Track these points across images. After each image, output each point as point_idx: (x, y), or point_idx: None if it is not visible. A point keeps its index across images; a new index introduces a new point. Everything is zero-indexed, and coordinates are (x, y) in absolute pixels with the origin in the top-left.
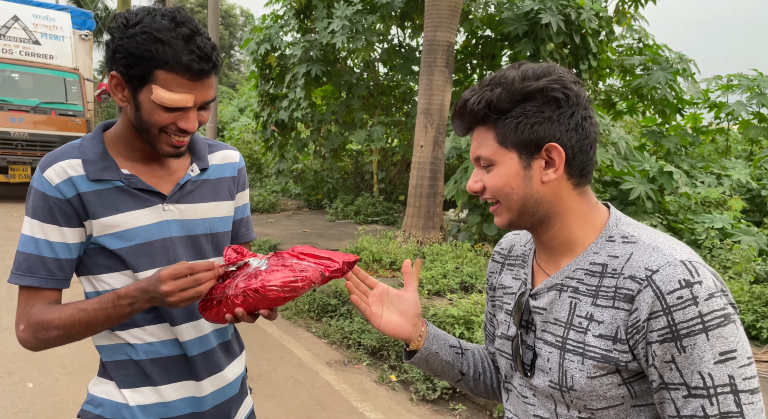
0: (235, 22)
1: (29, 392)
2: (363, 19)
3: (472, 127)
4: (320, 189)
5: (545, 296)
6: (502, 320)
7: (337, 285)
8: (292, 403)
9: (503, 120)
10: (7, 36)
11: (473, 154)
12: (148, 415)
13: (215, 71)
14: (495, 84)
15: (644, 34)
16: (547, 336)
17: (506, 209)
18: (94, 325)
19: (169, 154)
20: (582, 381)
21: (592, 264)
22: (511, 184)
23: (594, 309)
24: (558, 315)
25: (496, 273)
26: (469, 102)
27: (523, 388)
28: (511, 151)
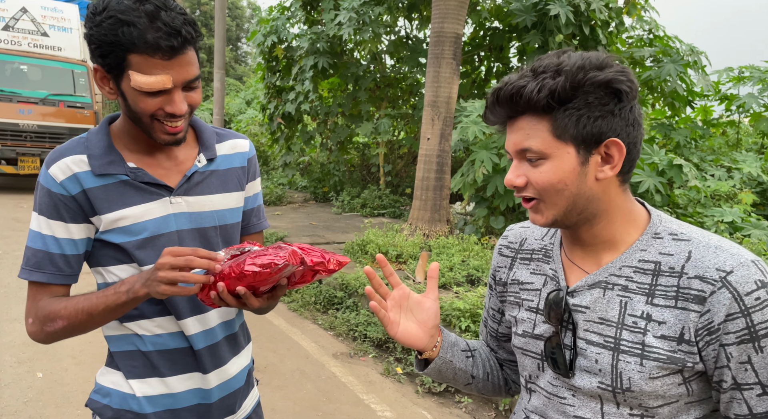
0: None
1: (39, 381)
2: (370, 10)
3: (515, 116)
4: (327, 181)
5: (586, 294)
6: (524, 318)
7: (343, 278)
8: (299, 395)
9: (563, 111)
10: (16, 28)
11: (517, 145)
12: (154, 406)
13: (191, 46)
14: (555, 71)
15: (655, 26)
16: (591, 336)
17: (551, 206)
18: (95, 314)
19: (167, 142)
20: (642, 382)
21: (642, 262)
22: (566, 180)
23: (651, 308)
24: (605, 314)
25: (505, 267)
26: (526, 89)
27: (559, 389)
28: (568, 145)
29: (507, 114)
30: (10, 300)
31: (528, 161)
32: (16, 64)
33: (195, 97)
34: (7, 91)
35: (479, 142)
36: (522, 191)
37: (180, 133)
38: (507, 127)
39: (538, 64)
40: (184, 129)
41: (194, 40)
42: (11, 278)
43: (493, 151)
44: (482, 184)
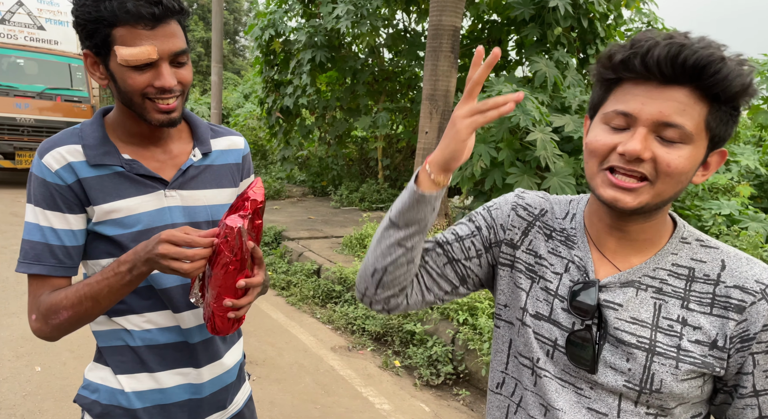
0: (239, 8)
1: (37, 375)
2: (368, 3)
3: (676, 84)
4: (325, 175)
5: (618, 291)
6: (539, 297)
7: (341, 272)
8: (297, 388)
9: (726, 104)
10: (12, 21)
11: (665, 116)
12: (143, 401)
13: (174, 17)
14: (740, 64)
15: (654, 18)
16: (623, 335)
17: (655, 194)
18: (100, 299)
19: (161, 122)
20: (672, 384)
21: (675, 266)
22: (691, 172)
23: (686, 313)
24: (638, 314)
25: (518, 229)
26: (726, 66)
27: (577, 380)
28: (706, 140)
29: (672, 75)
30: (8, 295)
31: (661, 138)
32: (12, 57)
33: (185, 74)
34: (4, 85)
35: (477, 136)
36: (635, 165)
37: (173, 111)
38: (643, 85)
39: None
40: (178, 108)
41: (178, 12)
42: (9, 272)
43: (491, 144)
44: (480, 178)
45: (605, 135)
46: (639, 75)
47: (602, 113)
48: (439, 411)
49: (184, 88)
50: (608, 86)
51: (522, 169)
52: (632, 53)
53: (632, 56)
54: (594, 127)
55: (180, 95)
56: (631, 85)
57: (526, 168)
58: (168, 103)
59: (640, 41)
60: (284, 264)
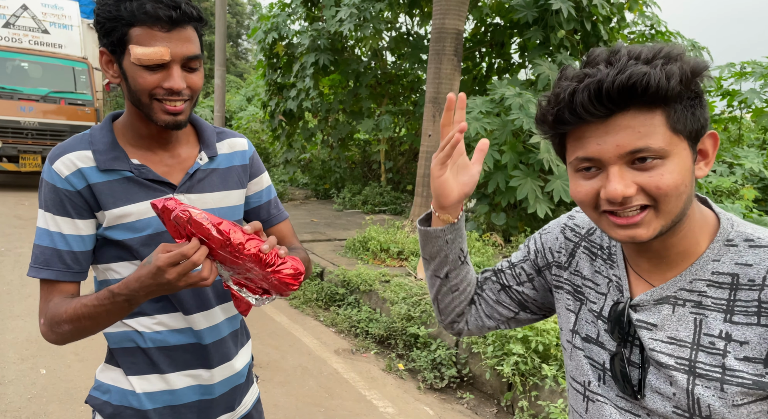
0: (242, 11)
1: (42, 378)
2: (371, 6)
3: (616, 113)
4: (328, 178)
5: (653, 310)
6: (587, 319)
7: (344, 275)
8: (301, 391)
9: (678, 103)
10: (17, 25)
11: (625, 147)
12: (154, 402)
13: (190, 22)
14: (666, 59)
15: (656, 21)
16: (661, 357)
17: (663, 215)
18: (99, 320)
19: (167, 123)
20: (724, 410)
21: (716, 274)
22: (686, 180)
23: (730, 327)
24: (676, 334)
25: (566, 251)
26: (652, 78)
27: (633, 406)
28: (683, 141)
29: (606, 111)
30: (12, 298)
31: (633, 164)
32: (17, 61)
33: (195, 79)
34: (8, 89)
35: (481, 139)
36: (627, 202)
37: (180, 114)
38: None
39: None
40: (185, 112)
41: (195, 18)
42: (14, 275)
43: (495, 147)
44: (483, 181)
45: (583, 183)
46: (574, 125)
47: (569, 164)
48: (443, 415)
49: (193, 93)
50: (560, 138)
51: (525, 171)
52: (558, 110)
53: (560, 112)
54: (571, 178)
55: (188, 100)
56: (579, 131)
57: (530, 171)
58: (175, 105)
59: (559, 94)
60: None
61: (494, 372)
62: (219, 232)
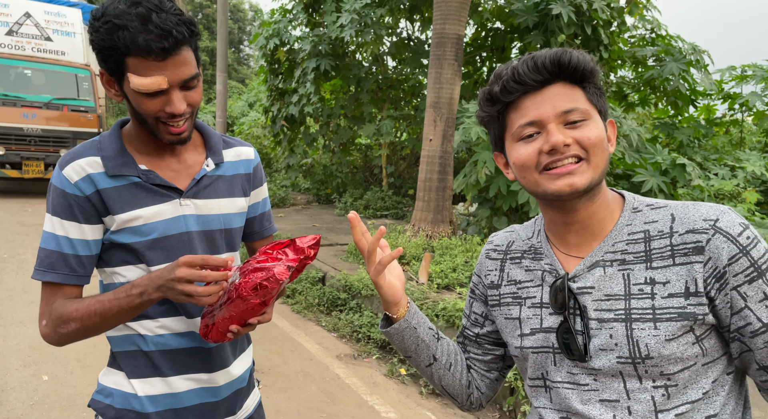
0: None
1: (44, 384)
2: (372, 12)
3: (548, 83)
4: (329, 183)
5: (587, 276)
6: (529, 315)
7: (346, 279)
8: (303, 396)
9: (589, 84)
10: (20, 32)
11: (561, 107)
12: (156, 406)
13: (186, 45)
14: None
15: (657, 25)
16: (603, 314)
17: (593, 167)
18: (108, 317)
19: (172, 142)
20: (659, 346)
21: (631, 235)
22: (604, 140)
23: (652, 273)
24: (611, 290)
25: (496, 270)
26: (573, 56)
27: (579, 376)
28: (596, 113)
29: (543, 79)
30: (15, 304)
31: (567, 125)
32: (20, 68)
33: (194, 96)
34: (12, 96)
35: (482, 143)
36: (567, 151)
37: (183, 132)
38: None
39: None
40: (188, 128)
41: (188, 40)
42: (16, 282)
43: None
44: (485, 185)
45: (525, 147)
46: (517, 92)
47: (510, 135)
48: None
49: (193, 109)
50: (499, 117)
51: None
52: (504, 80)
53: (506, 83)
54: (511, 151)
55: (190, 116)
56: (519, 103)
57: None
58: (178, 126)
59: (501, 71)
60: None
61: None
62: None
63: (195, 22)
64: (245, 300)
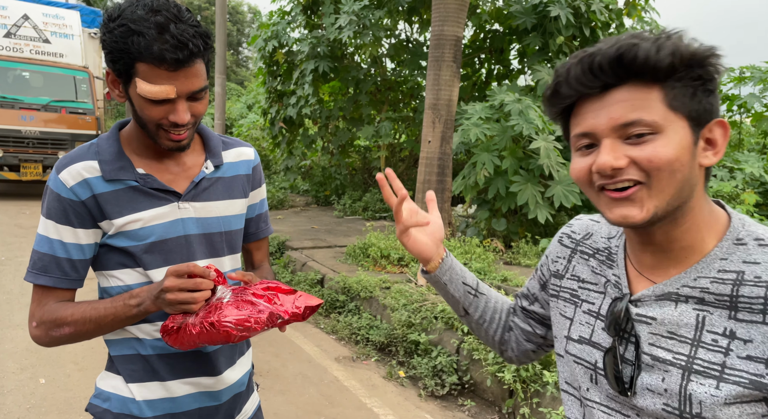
0: (242, 19)
1: (41, 387)
2: (370, 14)
3: (613, 86)
4: (328, 185)
5: (654, 305)
6: (582, 321)
7: (345, 281)
8: (301, 399)
9: (677, 80)
10: (18, 34)
11: (619, 119)
12: (154, 410)
13: (199, 58)
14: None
15: (655, 27)
16: (658, 351)
17: (657, 194)
18: (103, 324)
19: (171, 149)
20: (715, 408)
21: (722, 272)
22: (682, 158)
23: (734, 324)
24: (676, 329)
25: (564, 258)
26: (640, 48)
27: (621, 406)
28: (681, 119)
29: (602, 83)
30: (12, 307)
31: (629, 139)
32: (18, 70)
33: (199, 108)
34: (10, 98)
35: (480, 145)
36: (620, 175)
37: (184, 140)
38: (587, 103)
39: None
40: (189, 137)
41: (202, 53)
42: (14, 284)
43: (495, 153)
44: (484, 187)
45: (579, 160)
46: (576, 96)
47: (571, 144)
48: None
49: (196, 120)
50: (564, 119)
51: (525, 177)
52: (557, 83)
53: (558, 86)
54: (572, 158)
55: (192, 126)
56: (578, 107)
57: (530, 176)
58: (179, 134)
59: (558, 69)
60: (288, 273)
61: (495, 379)
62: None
63: (210, 35)
64: (221, 327)
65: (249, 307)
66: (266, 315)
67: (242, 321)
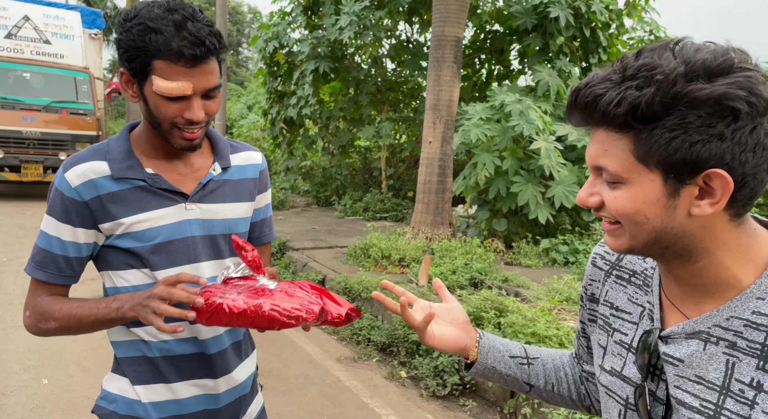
0: (242, 20)
1: (44, 388)
2: (371, 14)
3: (596, 127)
4: (329, 185)
5: (682, 344)
6: (614, 352)
7: (346, 282)
8: (303, 399)
9: (650, 130)
10: (18, 35)
11: (592, 160)
12: (160, 412)
13: (214, 56)
14: (645, 80)
15: (655, 26)
16: (684, 396)
17: (630, 236)
18: (85, 323)
19: (183, 148)
20: None
21: (756, 314)
22: (646, 212)
23: (762, 376)
24: (704, 373)
25: (599, 282)
26: (602, 100)
27: None
28: (653, 172)
29: (584, 121)
30: (15, 308)
31: (606, 182)
32: (18, 71)
33: (212, 106)
34: (10, 99)
35: (481, 145)
36: (597, 211)
37: (196, 139)
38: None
39: (632, 64)
40: (201, 136)
41: (217, 51)
42: (15, 285)
43: (495, 153)
44: (484, 187)
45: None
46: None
47: None
48: None
49: (209, 119)
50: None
51: (526, 177)
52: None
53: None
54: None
55: (205, 125)
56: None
57: (530, 177)
58: (193, 132)
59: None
60: (289, 274)
61: None
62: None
63: (222, 35)
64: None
65: (299, 299)
66: (318, 308)
67: (294, 309)
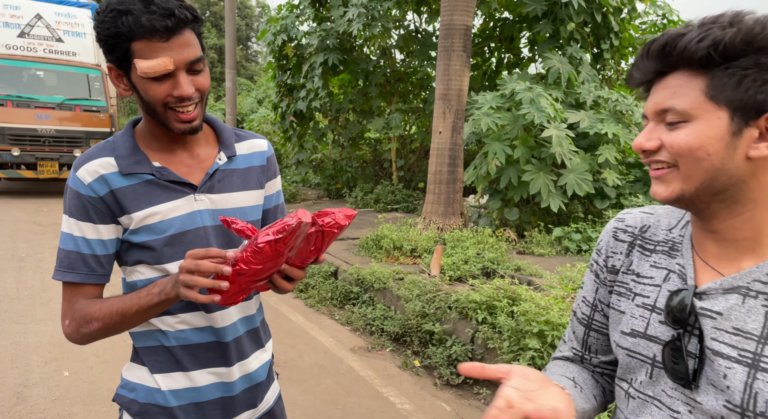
0: (251, 14)
1: (65, 380)
2: (379, 5)
3: (664, 73)
4: (339, 178)
5: (720, 299)
6: (635, 314)
7: (358, 273)
8: (318, 389)
9: (724, 69)
10: (31, 34)
11: (658, 105)
12: (179, 399)
13: (189, 27)
14: (728, 22)
15: (668, 10)
16: (722, 347)
17: (683, 178)
18: (129, 315)
19: (183, 131)
20: None
21: None
22: (708, 148)
23: None
24: (743, 325)
25: (621, 254)
26: (684, 37)
27: (674, 401)
28: (721, 109)
29: (656, 69)
30: (35, 302)
31: (667, 125)
32: (32, 70)
33: (202, 81)
34: (25, 97)
35: (491, 134)
36: (652, 155)
37: (194, 120)
38: (652, 87)
39: (708, 17)
40: (198, 116)
41: (190, 22)
42: (35, 280)
43: (506, 142)
44: (495, 176)
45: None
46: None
47: None
48: (460, 410)
49: (202, 95)
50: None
51: (537, 166)
52: (631, 67)
53: (631, 69)
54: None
55: (199, 102)
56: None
57: (542, 165)
58: (188, 111)
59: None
60: None
61: None
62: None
63: (196, 9)
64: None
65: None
66: (295, 219)
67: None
